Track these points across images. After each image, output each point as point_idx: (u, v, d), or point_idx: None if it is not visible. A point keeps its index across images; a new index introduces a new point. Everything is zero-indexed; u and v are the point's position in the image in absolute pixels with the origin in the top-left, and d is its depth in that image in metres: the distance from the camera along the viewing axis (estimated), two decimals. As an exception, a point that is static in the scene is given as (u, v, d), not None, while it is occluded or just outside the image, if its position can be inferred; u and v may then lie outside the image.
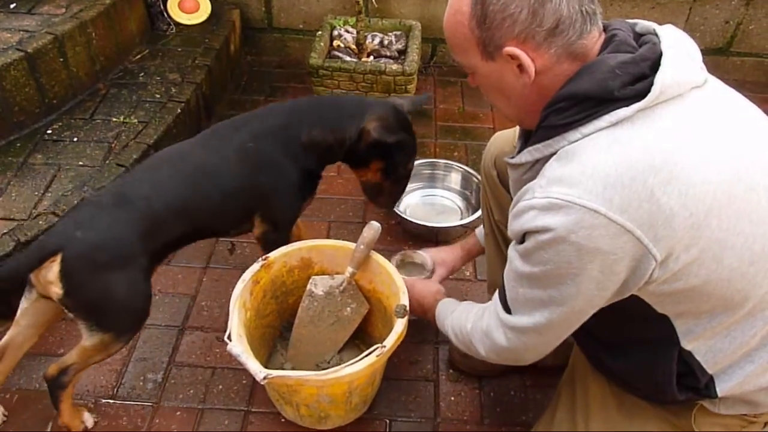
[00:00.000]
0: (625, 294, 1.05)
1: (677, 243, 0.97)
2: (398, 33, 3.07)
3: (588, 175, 0.96)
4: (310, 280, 1.75)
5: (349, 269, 1.71)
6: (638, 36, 1.09)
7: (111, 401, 1.80)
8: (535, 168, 1.10)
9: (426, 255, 1.88)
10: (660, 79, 0.98)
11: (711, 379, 1.14)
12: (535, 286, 1.10)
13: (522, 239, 1.08)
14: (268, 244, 1.80)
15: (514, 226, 1.08)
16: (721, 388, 1.14)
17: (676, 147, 0.97)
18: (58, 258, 1.44)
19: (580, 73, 1.02)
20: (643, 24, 1.11)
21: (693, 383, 1.15)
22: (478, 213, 2.23)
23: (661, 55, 1.01)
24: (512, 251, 1.14)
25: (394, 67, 2.74)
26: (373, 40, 3.03)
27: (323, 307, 1.74)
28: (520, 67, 1.04)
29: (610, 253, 0.97)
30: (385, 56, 2.95)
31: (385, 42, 3.03)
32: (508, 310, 1.19)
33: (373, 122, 1.70)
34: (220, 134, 1.75)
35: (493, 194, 1.66)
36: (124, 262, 1.52)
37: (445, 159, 2.61)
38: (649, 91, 0.97)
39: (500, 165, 1.60)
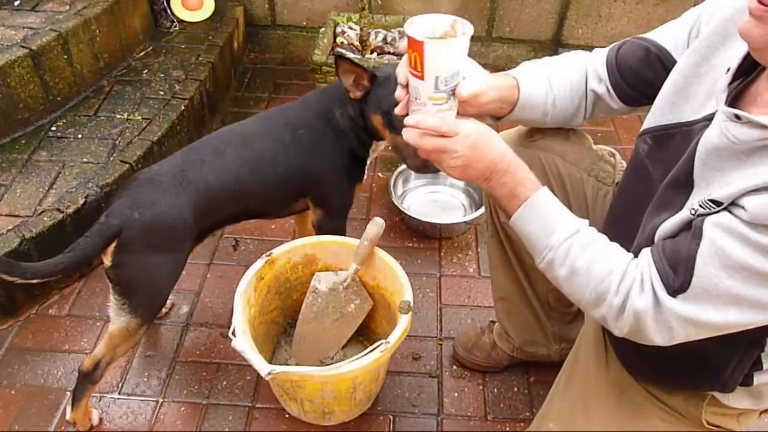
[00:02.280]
0: None
1: None
2: (402, 29, 3.07)
3: None
4: (314, 277, 1.75)
5: (353, 266, 1.71)
6: None
7: (116, 396, 1.80)
8: None
9: (446, 17, 1.08)
10: None
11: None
12: (760, 285, 0.92)
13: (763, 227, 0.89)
14: (327, 232, 1.84)
15: (764, 206, 0.88)
16: (758, 379, 1.12)
17: None
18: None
19: None
20: None
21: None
22: (482, 210, 2.23)
23: None
24: (731, 233, 0.92)
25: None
26: (376, 36, 3.02)
27: (327, 303, 1.74)
28: None
29: None
30: (389, 53, 2.95)
31: (389, 38, 3.03)
32: (677, 293, 0.98)
33: (370, 70, 1.67)
34: (275, 122, 1.78)
35: None
36: (175, 244, 1.59)
37: (449, 156, 2.60)
38: None
39: None
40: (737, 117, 0.94)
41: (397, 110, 1.12)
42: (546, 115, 1.35)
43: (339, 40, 3.02)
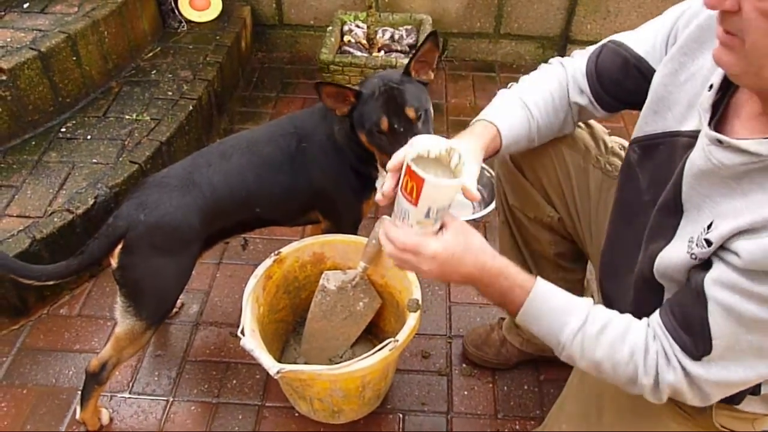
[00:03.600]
0: None
1: None
2: (409, 27, 3.06)
3: None
4: (323, 275, 1.75)
5: (362, 264, 1.70)
6: None
7: (127, 396, 1.81)
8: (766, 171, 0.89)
9: (442, 142, 1.11)
10: None
11: None
12: None
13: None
14: None
15: (759, 251, 0.87)
16: (766, 389, 1.10)
17: None
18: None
19: None
20: None
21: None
22: (491, 207, 2.23)
23: None
24: (733, 290, 0.91)
25: (405, 61, 2.73)
26: (383, 34, 3.02)
27: (336, 302, 1.74)
28: None
29: None
30: (396, 51, 2.94)
31: (396, 36, 3.02)
32: (702, 357, 0.97)
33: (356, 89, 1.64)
34: (282, 129, 1.76)
35: (507, 179, 1.61)
36: (180, 247, 1.59)
37: (457, 153, 2.60)
38: None
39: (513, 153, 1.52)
40: (719, 141, 0.94)
41: (377, 198, 1.16)
42: (533, 141, 1.38)
43: (346, 38, 3.02)
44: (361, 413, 1.74)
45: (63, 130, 2.39)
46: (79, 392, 1.72)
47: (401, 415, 1.77)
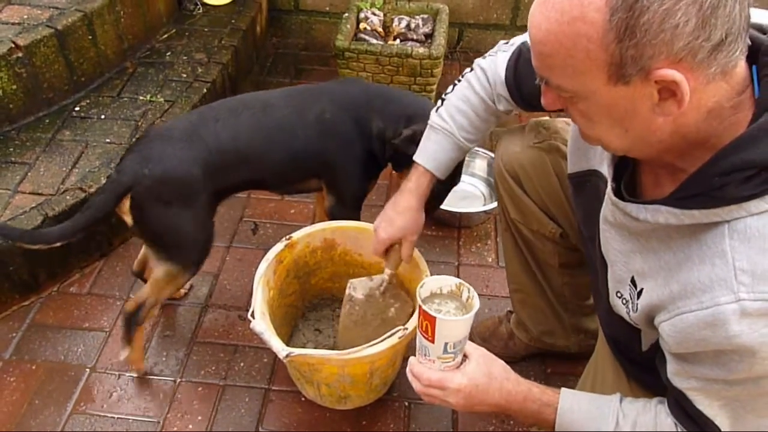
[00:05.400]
0: None
1: None
2: (425, 16, 3.04)
3: None
4: (348, 284, 1.67)
5: (387, 270, 1.62)
6: None
7: (134, 375, 1.82)
8: (671, 229, 0.90)
9: (451, 279, 1.19)
10: None
11: None
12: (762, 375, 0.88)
13: (716, 355, 0.86)
14: (338, 219, 1.85)
15: (695, 341, 0.87)
16: None
17: None
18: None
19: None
20: None
21: None
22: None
23: None
24: (694, 377, 0.93)
25: (421, 50, 2.72)
26: (399, 23, 3.00)
27: (365, 311, 1.66)
28: (666, 93, 0.80)
29: None
30: (412, 39, 2.92)
31: (412, 25, 3.00)
32: None
33: (410, 129, 1.69)
34: (303, 97, 1.78)
35: (507, 193, 1.61)
36: (187, 198, 1.60)
37: (470, 144, 2.59)
38: None
39: (509, 163, 1.57)
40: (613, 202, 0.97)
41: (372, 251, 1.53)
42: (466, 152, 1.53)
43: (362, 26, 3.00)
44: (368, 400, 1.74)
45: (77, 108, 2.39)
46: (88, 370, 1.73)
47: (407, 403, 1.77)
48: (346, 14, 2.96)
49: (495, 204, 2.28)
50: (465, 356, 1.14)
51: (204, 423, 1.72)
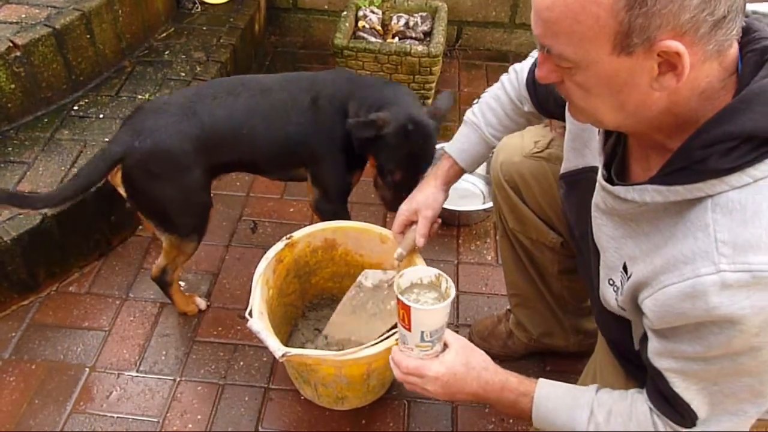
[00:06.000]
0: None
1: None
2: (424, 14, 3.04)
3: None
4: (362, 273, 1.67)
5: (398, 251, 1.59)
6: None
7: (134, 374, 1.82)
8: (659, 209, 0.91)
9: (431, 270, 1.22)
10: None
11: None
12: (746, 374, 0.88)
13: (697, 327, 0.86)
14: (323, 213, 1.87)
15: (676, 314, 0.87)
16: None
17: None
18: (120, 166, 1.58)
19: (750, 104, 0.81)
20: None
21: None
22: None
23: None
24: (672, 356, 0.93)
25: (420, 48, 2.71)
26: (398, 21, 3.00)
27: (368, 298, 1.67)
28: (666, 67, 0.81)
29: None
30: (411, 37, 2.92)
31: (411, 23, 3.00)
32: (695, 421, 0.95)
33: (374, 115, 1.68)
34: (301, 84, 1.80)
35: (506, 203, 1.62)
36: (177, 172, 1.62)
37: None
38: None
39: (508, 173, 1.57)
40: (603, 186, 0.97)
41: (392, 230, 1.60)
42: (493, 148, 1.58)
43: (360, 24, 2.99)
44: (365, 401, 1.74)
45: (75, 108, 2.39)
46: (88, 369, 1.73)
47: (406, 402, 1.77)
48: (345, 12, 2.96)
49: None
50: (446, 345, 1.17)
51: (203, 422, 1.72)
